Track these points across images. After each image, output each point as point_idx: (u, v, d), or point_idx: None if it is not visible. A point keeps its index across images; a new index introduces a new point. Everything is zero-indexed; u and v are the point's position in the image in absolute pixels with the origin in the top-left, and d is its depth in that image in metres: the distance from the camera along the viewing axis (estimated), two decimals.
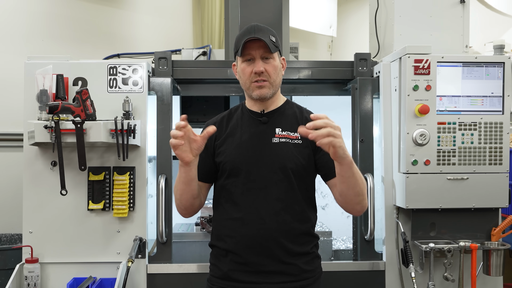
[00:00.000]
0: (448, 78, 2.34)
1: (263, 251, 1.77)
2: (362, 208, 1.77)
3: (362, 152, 2.50)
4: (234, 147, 1.83)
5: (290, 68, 2.62)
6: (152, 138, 2.48)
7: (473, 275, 2.30)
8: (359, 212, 1.79)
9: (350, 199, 1.72)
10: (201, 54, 3.36)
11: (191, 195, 1.79)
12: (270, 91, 1.81)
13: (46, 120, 2.17)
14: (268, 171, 1.79)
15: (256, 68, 1.77)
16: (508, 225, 2.37)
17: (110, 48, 4.30)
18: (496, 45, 2.48)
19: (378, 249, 2.51)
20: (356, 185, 1.67)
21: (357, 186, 1.68)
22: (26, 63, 2.38)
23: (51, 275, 2.36)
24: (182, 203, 1.82)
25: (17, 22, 3.99)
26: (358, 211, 1.78)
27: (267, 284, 1.77)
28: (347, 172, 1.63)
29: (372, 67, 2.62)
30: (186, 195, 1.79)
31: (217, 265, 1.85)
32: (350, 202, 1.74)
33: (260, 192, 1.78)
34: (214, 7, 5.25)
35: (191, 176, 1.75)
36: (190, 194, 1.79)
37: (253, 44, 1.77)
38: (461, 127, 2.34)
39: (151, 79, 2.47)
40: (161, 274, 2.38)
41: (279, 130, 1.84)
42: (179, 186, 1.78)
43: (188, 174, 1.73)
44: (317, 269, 1.87)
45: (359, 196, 1.71)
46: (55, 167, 2.33)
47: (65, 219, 2.36)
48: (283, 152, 1.80)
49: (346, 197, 1.73)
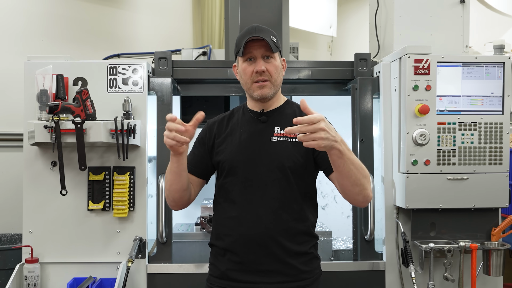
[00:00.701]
0: (448, 78, 2.34)
1: (260, 250, 1.77)
2: (364, 198, 1.68)
3: (362, 152, 2.50)
4: (233, 146, 1.83)
5: (290, 68, 2.62)
6: (152, 138, 2.48)
7: (473, 275, 2.30)
8: (362, 203, 1.72)
9: (348, 189, 1.67)
10: (201, 54, 3.36)
11: (180, 186, 1.78)
12: (271, 90, 1.81)
13: (46, 120, 2.17)
14: (266, 169, 1.79)
15: (257, 67, 1.77)
16: (508, 225, 2.37)
17: (110, 48, 4.30)
18: (496, 45, 2.48)
19: (378, 249, 2.51)
20: (350, 175, 1.60)
21: (352, 175, 1.61)
22: (26, 63, 2.38)
23: (51, 275, 2.36)
24: (171, 194, 1.80)
25: (17, 22, 3.99)
26: (361, 201, 1.71)
27: (264, 284, 1.77)
28: (336, 161, 1.57)
29: (372, 67, 2.62)
30: (176, 185, 1.77)
31: (215, 264, 1.85)
32: (349, 193, 1.69)
33: (258, 191, 1.78)
34: (214, 7, 5.25)
35: (183, 166, 1.73)
36: (180, 185, 1.77)
37: (254, 44, 1.78)
38: (461, 127, 2.34)
39: (151, 79, 2.47)
40: (161, 274, 2.38)
41: (277, 129, 1.84)
42: (169, 177, 1.76)
43: (180, 163, 1.72)
44: (315, 270, 1.85)
45: (357, 186, 1.64)
46: (55, 167, 2.33)
47: (65, 219, 2.36)
48: (281, 151, 1.80)
49: (344, 188, 1.68)
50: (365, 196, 1.68)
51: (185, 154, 1.71)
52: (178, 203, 1.85)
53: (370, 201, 1.75)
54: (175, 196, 1.81)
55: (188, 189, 1.83)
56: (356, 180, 1.63)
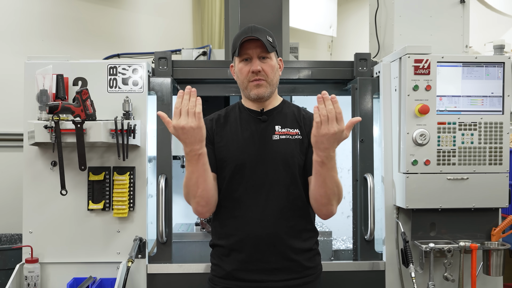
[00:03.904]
0: (448, 78, 2.34)
1: (267, 248, 1.77)
2: (327, 212, 1.77)
3: (362, 152, 2.50)
4: (236, 145, 1.83)
5: (290, 68, 2.62)
6: (152, 138, 2.48)
7: (473, 275, 2.30)
8: (324, 215, 1.80)
9: (317, 197, 1.74)
10: (201, 54, 3.36)
11: (211, 186, 1.75)
12: (267, 90, 1.82)
13: (46, 120, 2.17)
14: (271, 167, 1.80)
15: (253, 67, 1.78)
16: (508, 225, 2.37)
17: (110, 48, 4.30)
18: (496, 45, 2.48)
19: (378, 249, 2.51)
20: (326, 184, 1.68)
21: (325, 186, 1.69)
22: (26, 63, 2.38)
23: (51, 275, 2.36)
24: (204, 199, 1.74)
25: (17, 22, 3.99)
26: (323, 214, 1.79)
27: (271, 282, 1.78)
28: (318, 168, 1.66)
29: (372, 67, 2.62)
30: (207, 186, 1.73)
31: (219, 264, 1.85)
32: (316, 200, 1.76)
33: (263, 189, 1.79)
34: (214, 7, 5.25)
35: (207, 166, 1.71)
36: (210, 185, 1.75)
37: (250, 44, 1.79)
38: (461, 127, 2.34)
39: (151, 79, 2.47)
40: (161, 274, 2.38)
41: (278, 128, 1.85)
42: (199, 183, 1.70)
43: (206, 165, 1.69)
44: (318, 266, 1.89)
45: (326, 198, 1.72)
46: (55, 167, 2.33)
47: (65, 219, 2.36)
48: (284, 148, 1.81)
49: (315, 193, 1.74)
50: (328, 211, 1.76)
51: (205, 154, 1.68)
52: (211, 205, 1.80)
53: (330, 217, 1.82)
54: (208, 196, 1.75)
55: (215, 186, 1.81)
56: (328, 193, 1.70)
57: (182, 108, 1.57)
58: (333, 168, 1.66)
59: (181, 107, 1.57)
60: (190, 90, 1.58)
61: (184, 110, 1.57)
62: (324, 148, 1.59)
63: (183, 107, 1.57)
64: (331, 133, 1.54)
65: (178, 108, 1.58)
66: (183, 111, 1.57)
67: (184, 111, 1.57)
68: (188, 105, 1.57)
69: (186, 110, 1.57)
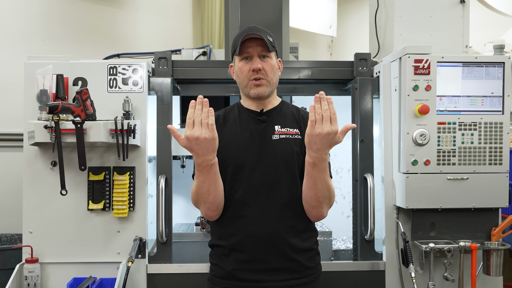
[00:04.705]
0: (448, 78, 2.34)
1: (268, 248, 1.78)
2: (317, 215, 1.79)
3: (362, 152, 2.50)
4: (236, 145, 1.83)
5: (290, 68, 2.62)
6: (152, 138, 2.48)
7: (473, 275, 2.30)
8: (314, 217, 1.82)
9: (308, 198, 1.76)
10: (201, 54, 3.36)
11: (221, 191, 1.77)
12: (267, 89, 1.83)
13: (46, 120, 2.17)
14: (271, 167, 1.80)
15: (254, 65, 1.79)
16: (508, 225, 2.37)
17: (110, 48, 4.31)
18: (496, 45, 2.48)
19: (378, 249, 2.51)
20: (314, 187, 1.70)
21: (316, 189, 1.71)
22: (26, 63, 2.38)
23: (51, 275, 2.36)
24: (215, 205, 1.76)
25: (17, 22, 3.99)
26: (314, 216, 1.81)
27: (272, 282, 1.78)
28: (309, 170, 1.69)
29: (372, 67, 2.62)
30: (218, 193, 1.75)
31: (219, 265, 1.85)
32: (307, 202, 1.77)
33: (264, 189, 1.79)
34: (214, 7, 5.25)
35: (218, 174, 1.73)
36: (221, 191, 1.77)
37: (251, 43, 1.79)
38: (461, 127, 2.34)
39: (151, 79, 2.47)
40: (161, 274, 2.38)
41: (278, 128, 1.85)
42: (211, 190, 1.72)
43: (217, 173, 1.71)
44: (318, 266, 1.90)
45: (316, 201, 1.74)
46: (55, 167, 2.33)
47: (65, 219, 2.36)
48: (284, 148, 1.82)
49: (306, 195, 1.76)
50: (318, 213, 1.78)
51: (217, 163, 1.70)
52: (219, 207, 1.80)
53: (321, 220, 1.85)
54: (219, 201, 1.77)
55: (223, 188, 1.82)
56: (318, 195, 1.72)
57: (195, 118, 1.58)
58: (325, 171, 1.68)
59: (194, 117, 1.58)
60: (202, 100, 1.59)
61: (198, 121, 1.58)
62: (316, 149, 1.61)
63: (196, 118, 1.58)
64: (325, 132, 1.56)
65: (191, 118, 1.59)
66: (197, 122, 1.58)
67: (198, 121, 1.58)
68: (201, 115, 1.58)
69: (200, 121, 1.58)
